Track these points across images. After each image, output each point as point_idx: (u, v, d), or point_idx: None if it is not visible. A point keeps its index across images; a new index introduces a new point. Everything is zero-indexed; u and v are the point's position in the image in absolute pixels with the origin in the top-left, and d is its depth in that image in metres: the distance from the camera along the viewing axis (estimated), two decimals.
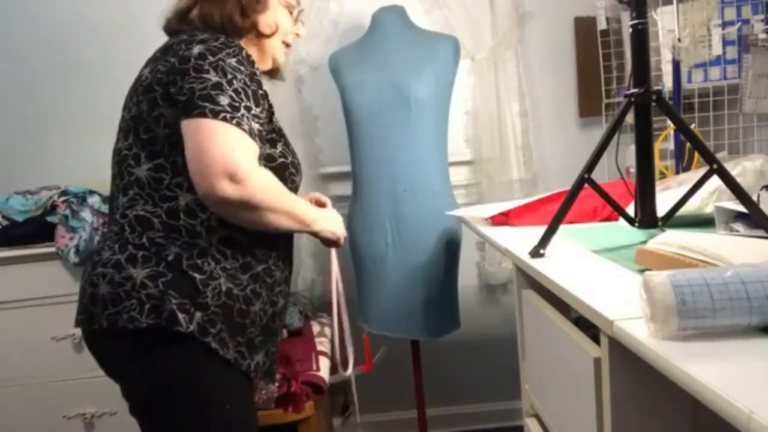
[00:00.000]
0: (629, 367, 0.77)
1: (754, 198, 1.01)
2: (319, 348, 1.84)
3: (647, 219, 1.09)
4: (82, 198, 1.88)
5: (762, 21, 1.83)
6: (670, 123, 1.15)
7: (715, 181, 1.03)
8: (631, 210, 1.11)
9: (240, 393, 1.13)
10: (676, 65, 1.86)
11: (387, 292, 1.93)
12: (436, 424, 2.37)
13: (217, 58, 1.04)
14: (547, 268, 1.01)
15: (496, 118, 2.24)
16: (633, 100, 1.04)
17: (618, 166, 1.16)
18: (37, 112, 2.29)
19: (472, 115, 2.28)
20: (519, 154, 2.27)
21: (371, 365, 1.92)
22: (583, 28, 2.26)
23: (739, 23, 1.85)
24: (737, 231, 1.03)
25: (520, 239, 1.26)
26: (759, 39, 1.82)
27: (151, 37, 1.27)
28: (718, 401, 0.51)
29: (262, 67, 1.25)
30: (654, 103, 1.04)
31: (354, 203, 2.00)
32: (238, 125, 1.00)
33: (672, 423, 0.80)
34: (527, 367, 1.30)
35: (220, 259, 1.09)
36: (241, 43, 1.15)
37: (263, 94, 1.12)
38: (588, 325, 0.87)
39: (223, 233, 1.09)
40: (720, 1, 1.86)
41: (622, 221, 1.13)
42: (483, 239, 1.69)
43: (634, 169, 1.13)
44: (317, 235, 1.23)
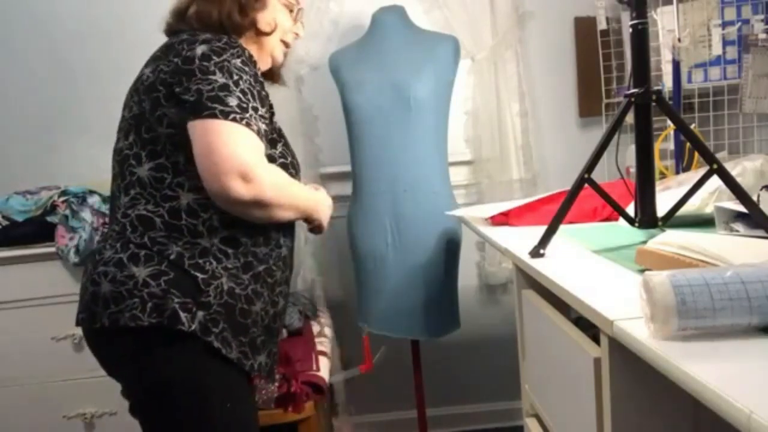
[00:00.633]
0: (629, 367, 0.77)
1: (754, 198, 1.01)
2: (319, 348, 1.84)
3: (647, 219, 1.09)
4: (82, 198, 1.88)
5: (762, 21, 1.83)
6: (670, 123, 1.15)
7: (715, 181, 1.03)
8: (631, 210, 1.11)
9: (242, 393, 1.13)
10: (676, 65, 1.86)
11: (387, 292, 1.93)
12: (436, 424, 2.37)
13: (222, 58, 1.04)
14: (547, 268, 1.01)
15: (496, 118, 2.24)
16: (633, 100, 1.04)
17: (618, 166, 1.16)
18: (38, 112, 2.29)
19: (472, 115, 2.28)
20: (519, 154, 2.27)
21: (371, 365, 1.92)
22: (583, 28, 2.26)
23: (739, 23, 1.85)
24: (737, 231, 1.03)
25: (520, 239, 1.26)
26: (759, 39, 1.82)
27: (152, 38, 1.27)
28: (718, 401, 0.51)
29: (261, 66, 1.25)
30: (654, 103, 1.04)
31: (354, 203, 1.99)
32: (248, 125, 1.02)
33: (672, 423, 0.80)
34: (527, 367, 1.30)
35: (222, 258, 1.09)
36: (241, 42, 1.14)
37: (266, 95, 1.13)
38: (588, 325, 0.87)
39: (224, 233, 1.09)
40: (720, 1, 1.86)
41: (622, 221, 1.13)
42: (483, 239, 1.68)
43: (634, 169, 1.13)
44: (308, 221, 1.25)
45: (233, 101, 1.01)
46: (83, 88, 2.27)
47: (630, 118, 1.08)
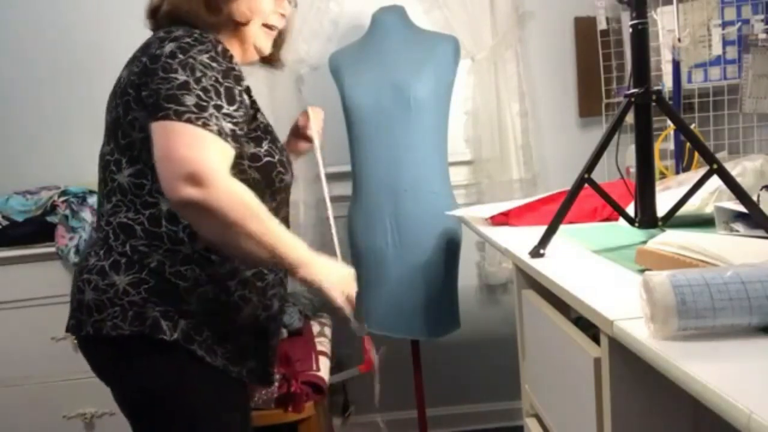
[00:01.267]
0: (629, 367, 0.77)
1: (754, 198, 1.01)
2: (319, 348, 1.84)
3: (647, 219, 1.09)
4: (82, 198, 1.88)
5: (762, 21, 1.83)
6: (670, 123, 1.15)
7: (715, 181, 1.03)
8: (631, 210, 1.11)
9: (231, 399, 1.12)
10: (676, 65, 1.85)
11: (387, 292, 1.93)
12: (436, 424, 2.37)
13: (187, 55, 0.98)
14: (547, 268, 1.01)
15: (496, 118, 2.24)
16: (633, 100, 1.04)
17: (618, 166, 1.16)
18: (37, 112, 2.29)
19: (472, 115, 2.28)
20: (519, 154, 2.27)
21: (371, 365, 1.92)
22: (583, 28, 2.26)
23: (739, 23, 1.85)
24: (737, 231, 1.03)
25: (520, 239, 1.26)
26: (759, 39, 1.82)
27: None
28: (718, 401, 0.51)
29: (248, 59, 1.19)
30: (654, 103, 1.04)
31: (354, 203, 1.99)
32: (204, 126, 0.94)
33: (672, 423, 0.80)
34: (527, 367, 1.30)
35: (205, 265, 1.06)
36: (220, 37, 1.08)
37: (242, 90, 1.05)
38: (588, 325, 0.87)
39: None
40: (720, 1, 1.86)
41: (622, 221, 1.13)
42: (483, 239, 1.68)
43: (634, 169, 1.13)
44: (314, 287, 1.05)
45: (190, 100, 0.94)
46: (83, 89, 2.27)
47: (630, 118, 1.08)
